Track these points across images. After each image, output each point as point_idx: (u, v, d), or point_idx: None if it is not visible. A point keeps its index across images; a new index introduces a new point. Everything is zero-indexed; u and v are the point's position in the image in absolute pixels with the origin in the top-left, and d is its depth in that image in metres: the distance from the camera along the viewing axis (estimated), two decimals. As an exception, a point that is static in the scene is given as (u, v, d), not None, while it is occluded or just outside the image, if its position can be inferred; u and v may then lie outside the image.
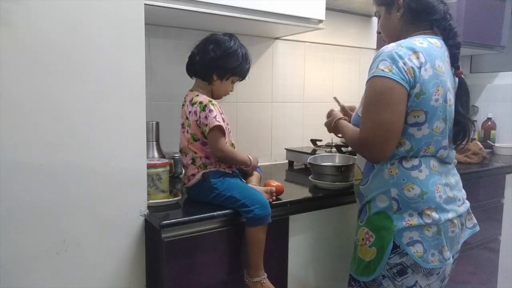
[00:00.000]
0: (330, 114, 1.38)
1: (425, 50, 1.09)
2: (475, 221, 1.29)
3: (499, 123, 2.55)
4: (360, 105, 1.20)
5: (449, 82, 1.13)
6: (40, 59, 0.98)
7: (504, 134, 2.54)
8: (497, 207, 2.08)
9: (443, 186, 1.14)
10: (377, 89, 1.07)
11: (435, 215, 1.10)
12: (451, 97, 1.14)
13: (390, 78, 1.05)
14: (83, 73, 1.03)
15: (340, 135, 1.32)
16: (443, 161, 1.18)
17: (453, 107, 1.16)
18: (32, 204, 1.00)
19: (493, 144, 2.47)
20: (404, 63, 1.06)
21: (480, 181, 1.95)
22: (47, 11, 0.97)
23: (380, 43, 2.33)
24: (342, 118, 1.31)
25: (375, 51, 2.40)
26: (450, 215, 1.13)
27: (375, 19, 2.35)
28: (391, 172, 1.13)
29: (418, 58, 1.07)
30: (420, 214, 1.10)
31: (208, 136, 1.21)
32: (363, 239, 1.17)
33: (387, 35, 1.26)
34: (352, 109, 1.38)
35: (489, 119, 2.57)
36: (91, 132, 1.06)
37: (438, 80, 1.09)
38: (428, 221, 1.10)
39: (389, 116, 1.06)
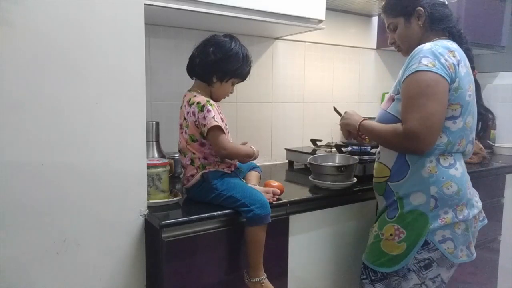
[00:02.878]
0: (347, 118, 1.34)
1: (457, 50, 1.17)
2: (483, 214, 1.34)
3: (499, 123, 2.55)
4: (386, 102, 1.24)
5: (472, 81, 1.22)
6: (40, 59, 0.98)
7: (504, 134, 2.53)
8: (497, 207, 2.08)
9: (469, 182, 1.22)
10: (422, 82, 1.11)
11: (465, 211, 1.18)
12: (474, 95, 1.23)
13: (435, 72, 1.10)
14: (83, 73, 1.03)
15: (364, 136, 1.32)
16: (465, 157, 1.25)
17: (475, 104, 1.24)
18: (32, 204, 1.00)
19: (493, 144, 2.46)
20: (446, 60, 1.12)
21: (480, 181, 1.94)
22: (47, 11, 0.97)
23: (381, 43, 2.36)
24: (364, 119, 1.30)
25: (375, 51, 2.41)
26: (475, 211, 1.21)
27: (375, 19, 2.35)
28: (430, 170, 1.17)
29: (454, 56, 1.15)
30: (455, 210, 1.16)
31: (208, 137, 1.21)
32: (391, 235, 1.20)
33: (407, 44, 1.29)
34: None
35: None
36: (91, 132, 1.06)
37: (470, 77, 1.18)
38: (460, 217, 1.16)
39: (436, 108, 1.10)
